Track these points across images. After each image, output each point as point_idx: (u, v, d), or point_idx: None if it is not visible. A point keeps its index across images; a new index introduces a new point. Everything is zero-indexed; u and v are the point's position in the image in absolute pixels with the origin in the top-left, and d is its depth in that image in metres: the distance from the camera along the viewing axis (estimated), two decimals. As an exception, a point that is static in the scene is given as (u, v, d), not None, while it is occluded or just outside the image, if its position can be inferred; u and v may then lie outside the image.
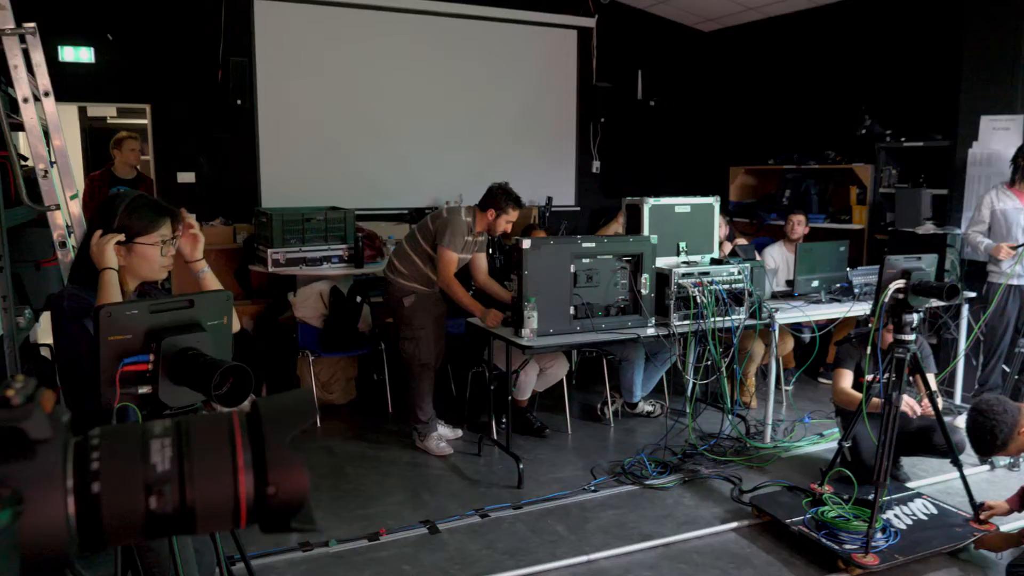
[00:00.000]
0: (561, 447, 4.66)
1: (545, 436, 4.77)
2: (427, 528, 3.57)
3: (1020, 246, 4.68)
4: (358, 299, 5.19)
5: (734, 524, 3.61)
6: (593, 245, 4.10)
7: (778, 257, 5.79)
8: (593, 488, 4.01)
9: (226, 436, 0.67)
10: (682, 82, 8.44)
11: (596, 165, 8.09)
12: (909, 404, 3.66)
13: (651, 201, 4.42)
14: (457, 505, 3.82)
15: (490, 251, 5.35)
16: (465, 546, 3.42)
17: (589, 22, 7.83)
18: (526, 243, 3.88)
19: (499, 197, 4.36)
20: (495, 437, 4.55)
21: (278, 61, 6.58)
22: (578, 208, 7.95)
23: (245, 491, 0.64)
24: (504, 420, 4.33)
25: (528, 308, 3.86)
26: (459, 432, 4.75)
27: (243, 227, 6.17)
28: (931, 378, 3.99)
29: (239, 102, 6.33)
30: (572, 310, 4.03)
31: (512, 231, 4.70)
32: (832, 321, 4.76)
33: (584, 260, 4.06)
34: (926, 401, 3.66)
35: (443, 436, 4.59)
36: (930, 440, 3.85)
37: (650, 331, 4.16)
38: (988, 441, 3.06)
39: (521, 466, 4.06)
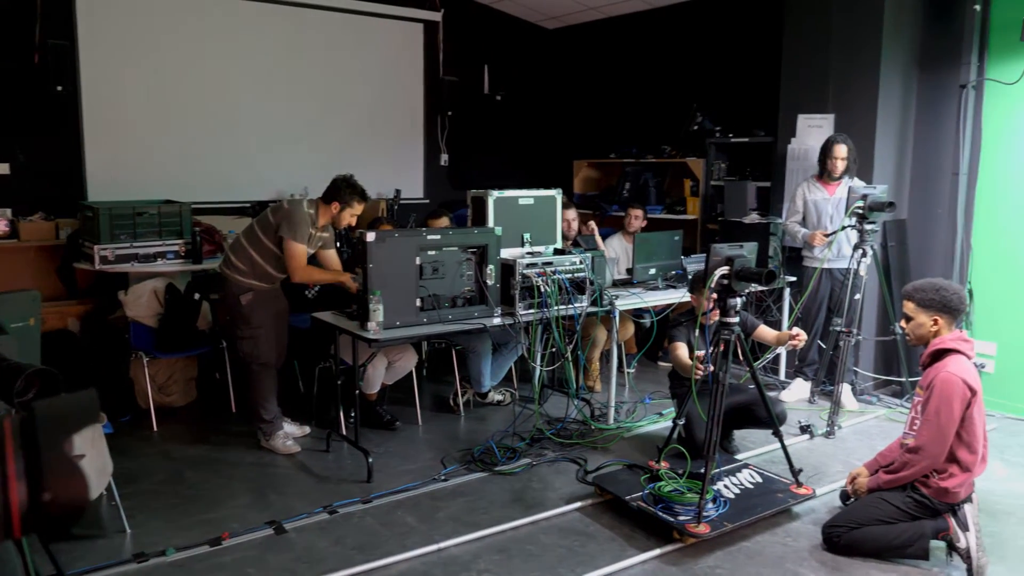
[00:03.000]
0: (412, 439, 4.67)
1: (395, 429, 4.76)
2: (273, 529, 3.48)
3: (831, 234, 5.11)
4: (196, 296, 4.98)
5: (578, 504, 3.75)
6: (438, 237, 4.11)
7: (618, 247, 6.05)
8: (443, 477, 4.05)
9: (-2, 442, 0.64)
10: (527, 77, 8.62)
11: (444, 158, 8.11)
12: None
13: (495, 194, 4.49)
14: (305, 503, 3.74)
15: (338, 244, 5.27)
16: (313, 544, 3.36)
17: (435, 16, 7.83)
18: (370, 236, 3.84)
19: (343, 190, 4.29)
20: (344, 432, 4.50)
21: (105, 45, 6.15)
22: (427, 201, 7.94)
23: (17, 499, 0.61)
24: (353, 415, 4.29)
25: (373, 301, 3.84)
26: (306, 429, 4.65)
27: (67, 222, 5.75)
28: (765, 330, 4.27)
29: (59, 88, 5.88)
30: (418, 302, 4.04)
31: (358, 224, 4.64)
32: (669, 306, 5.02)
33: (430, 252, 4.07)
34: None
35: (289, 434, 4.48)
36: (755, 413, 4.15)
37: (496, 321, 4.23)
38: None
39: (370, 460, 4.04)
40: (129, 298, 4.84)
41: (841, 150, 5.11)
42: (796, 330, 4.00)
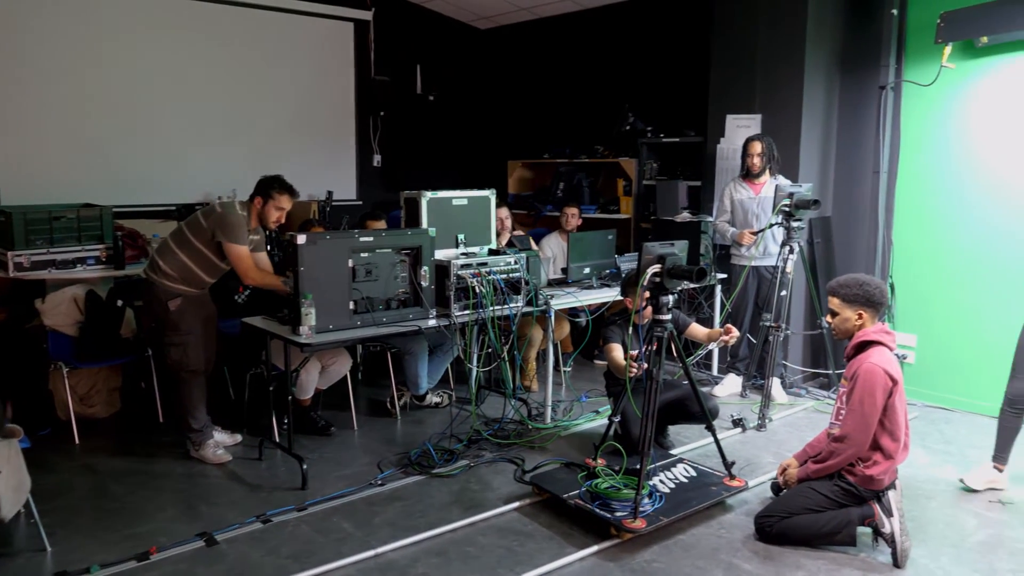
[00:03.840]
0: (347, 444, 4.59)
1: (331, 434, 4.68)
2: (204, 540, 3.38)
3: (759, 232, 5.22)
4: (119, 303, 4.80)
5: (516, 504, 3.74)
6: (371, 239, 4.06)
7: (554, 247, 6.08)
8: (380, 482, 3.99)
9: None
10: (460, 78, 8.60)
11: (377, 159, 8.03)
12: None
13: (428, 194, 4.46)
14: (237, 513, 3.64)
15: (268, 248, 5.15)
16: (246, 555, 3.28)
17: (366, 15, 7.75)
18: (300, 239, 3.77)
19: (265, 183, 4.22)
20: (277, 439, 4.40)
21: (14, 41, 5.88)
22: (360, 202, 7.84)
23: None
24: (286, 421, 4.20)
25: (305, 305, 3.77)
26: (238, 437, 4.53)
27: (-23, 228, 5.49)
28: (696, 328, 4.34)
29: (-34, 87, 5.62)
30: (352, 305, 3.98)
31: (290, 226, 4.55)
32: (604, 305, 5.06)
33: (362, 254, 4.02)
34: None
35: (220, 443, 4.36)
36: (688, 409, 4.21)
37: (431, 322, 4.20)
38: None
39: (305, 466, 3.96)
40: (47, 306, 4.64)
41: (756, 146, 5.27)
42: (728, 326, 4.08)
